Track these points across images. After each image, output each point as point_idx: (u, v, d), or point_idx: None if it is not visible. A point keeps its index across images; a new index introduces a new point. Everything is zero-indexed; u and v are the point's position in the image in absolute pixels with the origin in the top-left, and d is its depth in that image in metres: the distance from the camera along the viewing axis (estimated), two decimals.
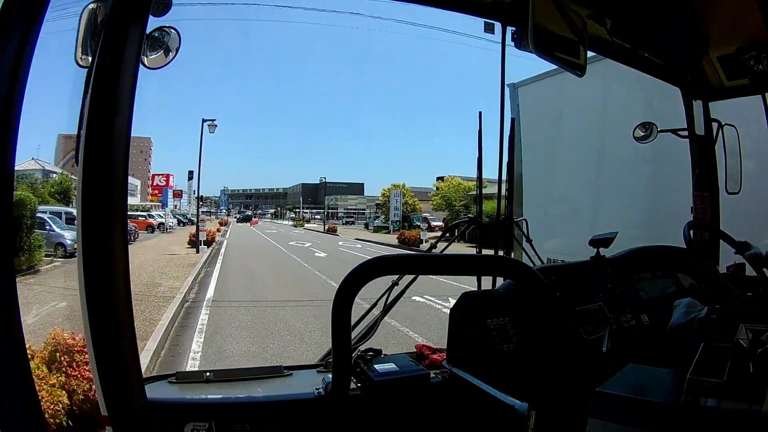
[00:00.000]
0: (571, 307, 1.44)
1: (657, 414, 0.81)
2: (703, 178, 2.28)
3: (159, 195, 37.91)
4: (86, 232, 0.91)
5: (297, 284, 9.96)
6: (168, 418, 1.04)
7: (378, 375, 1.17)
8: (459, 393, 1.16)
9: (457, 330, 1.29)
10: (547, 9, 1.41)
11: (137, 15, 0.94)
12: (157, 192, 38.93)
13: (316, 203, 72.33)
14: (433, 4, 1.65)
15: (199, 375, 1.27)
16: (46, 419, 2.43)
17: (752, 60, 1.84)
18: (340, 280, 0.85)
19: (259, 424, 1.08)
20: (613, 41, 1.73)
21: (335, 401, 1.08)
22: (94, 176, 0.91)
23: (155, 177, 37.95)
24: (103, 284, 0.93)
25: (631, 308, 1.59)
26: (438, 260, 0.98)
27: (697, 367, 0.87)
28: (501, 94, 1.89)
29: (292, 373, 1.33)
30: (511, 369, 1.20)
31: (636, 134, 2.37)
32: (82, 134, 0.90)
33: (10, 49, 0.93)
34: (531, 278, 0.88)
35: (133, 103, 0.93)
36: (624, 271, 1.70)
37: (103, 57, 0.91)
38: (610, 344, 1.28)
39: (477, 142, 1.94)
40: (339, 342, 0.90)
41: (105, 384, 0.94)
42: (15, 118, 0.94)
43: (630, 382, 0.92)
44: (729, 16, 1.76)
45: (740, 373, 0.83)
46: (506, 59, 1.80)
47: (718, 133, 2.23)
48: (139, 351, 1.02)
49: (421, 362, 1.36)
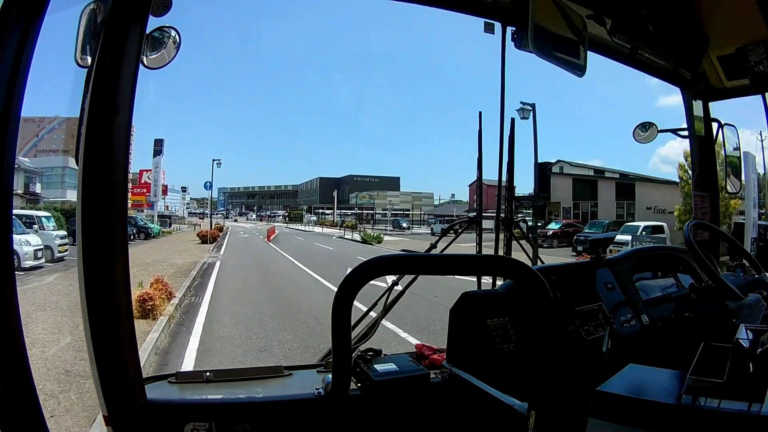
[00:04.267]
0: (571, 307, 1.44)
1: (657, 414, 0.81)
2: (703, 178, 2.28)
3: (147, 194, 31.82)
4: (86, 232, 0.91)
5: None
6: (168, 418, 1.04)
7: (378, 375, 1.17)
8: (459, 393, 1.16)
9: (457, 330, 1.29)
10: (547, 9, 1.42)
11: (137, 15, 0.94)
12: (144, 190, 32.26)
13: (337, 201, 54.61)
14: (433, 4, 1.65)
15: (199, 375, 1.27)
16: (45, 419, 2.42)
17: (752, 60, 1.84)
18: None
19: (259, 424, 1.08)
20: (613, 41, 1.73)
21: (335, 401, 1.09)
22: (94, 176, 0.91)
23: (143, 173, 31.44)
24: (103, 284, 0.93)
25: (631, 308, 1.59)
26: (438, 260, 0.98)
27: (697, 367, 0.87)
28: (501, 94, 1.89)
29: (292, 373, 1.33)
30: (511, 369, 1.20)
31: (636, 134, 2.38)
32: (82, 134, 0.90)
33: (11, 48, 0.93)
34: (531, 278, 0.88)
35: (133, 103, 0.94)
36: (624, 271, 1.70)
37: (103, 57, 0.91)
38: (610, 344, 1.28)
39: (477, 142, 1.95)
40: (339, 342, 0.90)
41: (105, 384, 0.94)
42: (15, 118, 0.94)
43: (630, 382, 0.92)
44: (729, 16, 1.76)
45: (740, 373, 0.83)
46: (506, 59, 1.80)
47: (718, 133, 2.24)
48: (139, 351, 1.02)
49: (421, 362, 1.36)
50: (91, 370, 0.94)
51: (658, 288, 1.79)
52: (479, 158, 1.96)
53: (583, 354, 1.36)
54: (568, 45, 1.49)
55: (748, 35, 1.79)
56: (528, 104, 14.53)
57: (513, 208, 2.07)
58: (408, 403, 1.17)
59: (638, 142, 2.37)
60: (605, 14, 1.68)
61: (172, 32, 1.20)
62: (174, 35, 1.20)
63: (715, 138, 2.24)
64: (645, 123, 2.37)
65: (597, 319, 1.48)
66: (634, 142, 2.38)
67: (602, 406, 0.86)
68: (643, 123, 2.38)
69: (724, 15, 1.77)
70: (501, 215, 2.01)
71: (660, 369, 0.97)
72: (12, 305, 0.93)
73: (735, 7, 1.73)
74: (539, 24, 1.38)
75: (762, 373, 0.82)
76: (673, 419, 0.80)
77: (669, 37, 1.81)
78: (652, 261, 1.88)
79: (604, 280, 1.63)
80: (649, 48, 1.82)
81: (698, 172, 2.28)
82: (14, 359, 0.94)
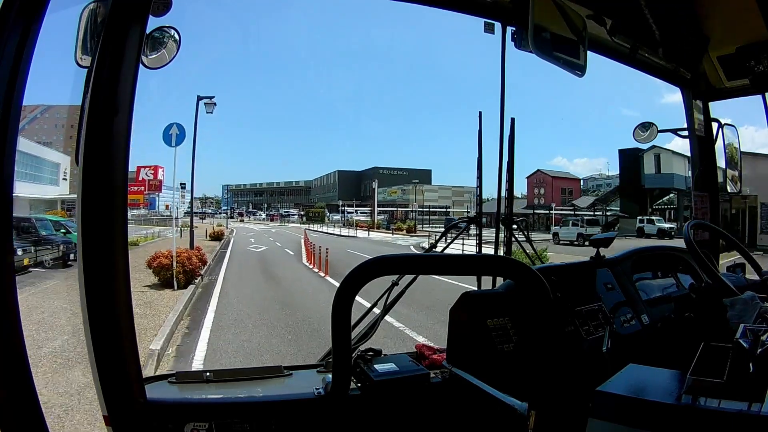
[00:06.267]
0: (571, 307, 1.44)
1: (657, 414, 0.81)
2: (703, 178, 2.28)
3: (145, 193, 30.41)
4: (86, 232, 0.91)
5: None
6: (168, 418, 1.04)
7: (378, 375, 1.17)
8: (459, 393, 1.16)
9: (457, 330, 1.29)
10: (547, 9, 1.42)
11: (137, 15, 0.94)
12: (142, 189, 30.88)
13: (358, 198, 50.56)
14: (433, 4, 1.65)
15: (198, 375, 1.27)
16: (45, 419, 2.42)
17: (752, 60, 1.84)
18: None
19: (259, 424, 1.08)
20: (613, 41, 1.73)
21: (335, 401, 1.09)
22: (94, 176, 0.91)
23: (141, 169, 29.81)
24: (103, 284, 0.93)
25: (631, 308, 1.59)
26: (438, 260, 0.98)
27: (697, 367, 0.87)
28: (501, 93, 1.89)
29: (292, 373, 1.33)
30: (511, 369, 1.20)
31: (636, 134, 2.38)
32: (82, 134, 0.90)
33: (11, 48, 0.93)
34: (531, 278, 0.88)
35: (133, 103, 0.94)
36: (624, 271, 1.70)
37: (103, 57, 0.91)
38: (610, 344, 1.28)
39: (477, 142, 1.94)
40: (339, 342, 0.90)
41: (105, 384, 0.94)
42: (15, 118, 0.94)
43: (630, 382, 0.92)
44: (729, 16, 1.76)
45: (740, 373, 0.83)
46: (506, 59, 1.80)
47: (718, 133, 2.24)
48: (139, 351, 1.01)
49: (421, 362, 1.36)
50: (91, 370, 0.94)
51: (658, 288, 1.79)
52: (479, 158, 1.96)
53: (583, 354, 1.36)
54: (568, 45, 1.49)
55: (748, 35, 1.79)
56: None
57: (513, 208, 2.07)
58: (408, 403, 1.17)
59: (638, 142, 2.37)
60: (605, 14, 1.68)
61: (172, 32, 1.20)
62: (174, 35, 1.20)
63: (715, 138, 2.24)
64: (645, 123, 2.37)
65: (597, 319, 1.48)
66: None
67: (602, 406, 0.86)
68: (642, 123, 2.38)
69: (724, 15, 1.77)
70: (501, 215, 2.01)
71: (660, 369, 0.97)
72: (12, 305, 0.93)
73: (735, 7, 1.73)
74: (539, 24, 1.38)
75: (762, 373, 0.82)
76: (673, 419, 0.80)
77: (669, 37, 1.81)
78: (652, 261, 1.88)
79: (604, 280, 1.63)
80: (649, 48, 1.82)
81: (698, 172, 2.28)
82: (14, 359, 0.94)
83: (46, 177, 29.88)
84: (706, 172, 2.28)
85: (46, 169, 30.16)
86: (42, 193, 27.37)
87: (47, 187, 29.14)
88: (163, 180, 18.85)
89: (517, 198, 51.77)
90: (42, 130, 49.65)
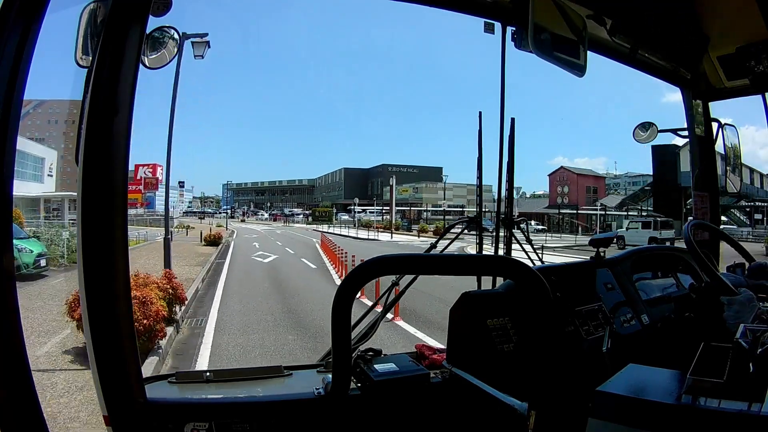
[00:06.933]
0: (571, 307, 1.44)
1: (657, 414, 0.81)
2: (703, 178, 2.28)
3: (143, 192, 28.37)
4: (86, 232, 0.91)
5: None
6: (168, 418, 1.04)
7: (378, 375, 1.17)
8: (459, 393, 1.16)
9: (457, 330, 1.29)
10: (547, 9, 1.42)
11: (137, 15, 0.94)
12: (140, 187, 27.64)
13: (365, 197, 48.22)
14: (433, 4, 1.65)
15: (198, 375, 1.27)
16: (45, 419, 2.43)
17: (752, 60, 1.84)
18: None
19: (259, 424, 1.08)
20: (613, 41, 1.73)
21: (335, 401, 1.08)
22: (94, 176, 0.91)
23: (139, 168, 27.13)
24: (103, 284, 0.93)
25: (631, 308, 1.59)
26: (438, 260, 0.98)
27: (697, 367, 0.87)
28: (501, 93, 1.89)
29: (292, 373, 1.33)
30: (511, 369, 1.19)
31: (636, 134, 2.38)
32: (82, 134, 0.90)
33: (11, 48, 0.93)
34: (531, 278, 0.88)
35: (133, 103, 0.94)
36: (624, 271, 1.70)
37: (103, 57, 0.91)
38: (610, 344, 1.28)
39: (477, 142, 1.94)
40: (339, 342, 0.90)
41: (105, 384, 0.94)
42: (15, 118, 0.94)
43: (630, 382, 0.92)
44: (729, 16, 1.76)
45: (740, 373, 0.83)
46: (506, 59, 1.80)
47: (718, 133, 2.24)
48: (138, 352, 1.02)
49: (421, 362, 1.36)
50: (91, 370, 0.94)
51: (658, 288, 1.79)
52: (479, 158, 1.96)
53: (583, 354, 1.36)
54: (568, 45, 1.49)
55: (748, 35, 1.79)
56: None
57: (513, 208, 2.07)
58: (408, 403, 1.17)
59: (638, 142, 2.37)
60: (605, 14, 1.68)
61: (172, 32, 1.20)
62: (174, 35, 1.20)
63: (715, 138, 2.24)
64: (645, 123, 2.37)
65: (597, 319, 1.48)
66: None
67: (602, 406, 0.86)
68: (642, 123, 2.38)
69: (724, 15, 1.77)
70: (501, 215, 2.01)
71: (660, 369, 0.97)
72: (12, 306, 0.93)
73: (735, 7, 1.73)
74: (539, 24, 1.38)
75: (762, 373, 0.82)
76: (673, 419, 0.80)
77: (669, 37, 1.81)
78: (652, 261, 1.88)
79: (604, 280, 1.63)
80: (649, 48, 1.82)
81: (698, 172, 2.28)
82: (14, 359, 0.94)
83: (28, 173, 26.30)
84: (706, 172, 2.28)
85: (29, 164, 26.50)
86: (23, 191, 23.85)
87: (30, 184, 25.49)
88: (161, 179, 17.89)
89: (539, 197, 49.73)
90: (35, 126, 49.12)
